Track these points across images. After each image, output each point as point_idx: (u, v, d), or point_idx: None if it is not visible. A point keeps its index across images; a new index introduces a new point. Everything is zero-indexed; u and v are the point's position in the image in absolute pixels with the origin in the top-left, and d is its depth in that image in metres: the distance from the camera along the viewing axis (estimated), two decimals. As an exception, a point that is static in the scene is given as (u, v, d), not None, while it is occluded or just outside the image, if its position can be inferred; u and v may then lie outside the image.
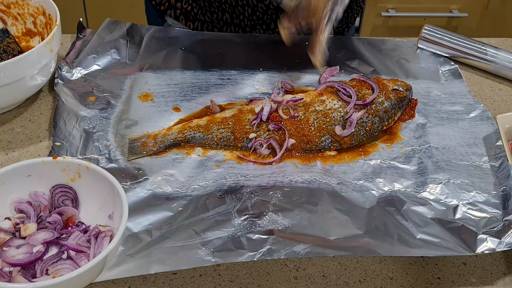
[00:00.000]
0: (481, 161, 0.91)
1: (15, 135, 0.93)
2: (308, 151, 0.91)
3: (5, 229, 0.74)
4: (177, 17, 1.21)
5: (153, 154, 0.89)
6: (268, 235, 0.77)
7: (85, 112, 0.94)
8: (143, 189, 0.83)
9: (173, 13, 1.21)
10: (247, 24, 1.17)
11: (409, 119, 0.98)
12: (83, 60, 1.03)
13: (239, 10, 1.15)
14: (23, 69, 0.90)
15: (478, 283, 0.77)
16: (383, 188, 0.86)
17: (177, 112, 0.97)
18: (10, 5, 1.03)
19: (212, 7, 1.16)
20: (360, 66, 1.09)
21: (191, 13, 1.18)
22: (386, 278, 0.77)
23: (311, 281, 0.76)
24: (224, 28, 1.19)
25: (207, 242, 0.76)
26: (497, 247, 0.76)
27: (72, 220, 0.77)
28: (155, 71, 1.04)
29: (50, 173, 0.78)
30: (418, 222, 0.80)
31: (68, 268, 0.70)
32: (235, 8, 1.15)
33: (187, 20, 1.20)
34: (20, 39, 1.04)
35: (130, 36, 1.10)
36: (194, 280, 0.75)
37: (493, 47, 1.12)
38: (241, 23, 1.17)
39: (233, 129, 0.92)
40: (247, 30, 1.18)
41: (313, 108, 0.93)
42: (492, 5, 2.26)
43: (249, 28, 1.17)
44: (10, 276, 0.69)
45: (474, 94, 1.07)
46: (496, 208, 0.83)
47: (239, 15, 1.16)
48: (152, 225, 0.78)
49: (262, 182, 0.85)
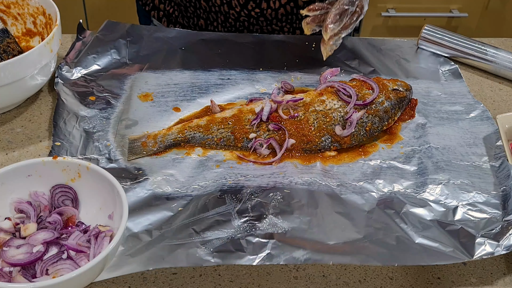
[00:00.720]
0: (481, 161, 0.91)
1: (15, 135, 0.93)
2: (308, 151, 0.91)
3: (5, 229, 0.74)
4: (160, 18, 1.22)
5: (153, 154, 0.89)
6: (268, 239, 0.77)
7: (85, 112, 0.94)
8: (143, 189, 0.83)
9: (156, 14, 1.22)
10: (221, 30, 1.18)
11: (409, 119, 0.98)
12: (83, 60, 1.04)
13: (213, 17, 1.16)
14: (23, 69, 0.90)
15: (478, 283, 0.77)
16: (382, 190, 0.86)
17: (177, 112, 0.97)
18: (10, 5, 1.03)
19: (188, 12, 1.17)
20: (360, 66, 1.09)
21: (173, 15, 1.20)
22: (386, 278, 0.77)
23: (311, 281, 0.76)
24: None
25: (206, 242, 0.76)
26: (495, 250, 0.76)
27: (72, 220, 0.77)
28: (155, 71, 1.04)
29: (50, 173, 0.78)
30: (417, 225, 0.80)
31: (68, 268, 0.70)
32: (209, 14, 1.16)
33: (169, 23, 1.21)
34: (20, 39, 1.04)
35: (130, 36, 1.10)
36: (194, 280, 0.75)
37: (493, 47, 1.12)
38: (215, 30, 1.19)
39: (233, 129, 0.92)
40: None
41: (313, 108, 0.93)
42: (492, 5, 2.25)
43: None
44: (10, 276, 0.69)
45: (474, 94, 1.07)
46: (496, 208, 0.83)
47: (213, 21, 1.17)
48: (152, 225, 0.78)
49: (262, 183, 0.85)
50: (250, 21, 1.15)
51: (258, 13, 1.13)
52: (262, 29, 1.17)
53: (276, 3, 1.12)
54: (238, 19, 1.15)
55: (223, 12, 1.14)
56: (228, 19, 1.15)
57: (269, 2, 1.11)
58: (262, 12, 1.13)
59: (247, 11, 1.12)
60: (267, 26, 1.16)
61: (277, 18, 1.14)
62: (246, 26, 1.16)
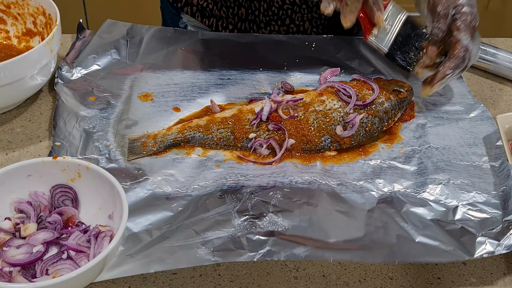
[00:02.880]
0: (481, 161, 0.91)
1: (15, 135, 0.93)
2: (307, 151, 0.91)
3: (5, 229, 0.74)
4: (193, 14, 1.21)
5: (153, 154, 0.89)
6: (268, 236, 0.77)
7: (85, 112, 0.94)
8: (143, 189, 0.83)
9: (189, 10, 1.21)
10: (262, 20, 1.17)
11: (410, 120, 0.98)
12: (83, 60, 1.03)
13: (255, 5, 1.14)
14: (23, 69, 0.90)
15: (478, 283, 0.77)
16: (382, 189, 0.86)
17: (177, 112, 0.97)
18: (10, 5, 1.03)
19: (228, 1, 1.16)
20: (360, 66, 1.09)
21: (207, 9, 1.18)
22: (386, 278, 0.77)
23: (311, 281, 0.76)
24: (239, 24, 1.18)
25: (207, 242, 0.76)
26: (496, 249, 0.76)
27: (72, 220, 0.77)
28: (155, 71, 1.04)
29: (50, 173, 0.78)
30: (418, 224, 0.80)
31: (68, 268, 0.70)
32: (252, 2, 1.14)
33: (203, 17, 1.20)
34: (20, 39, 1.05)
35: (130, 36, 1.10)
36: (194, 280, 0.75)
37: (493, 47, 1.12)
38: (256, 19, 1.17)
39: (233, 129, 0.92)
40: (262, 26, 1.17)
41: (313, 108, 0.93)
42: (492, 5, 2.26)
43: (263, 24, 1.17)
44: (10, 276, 0.69)
45: (474, 94, 1.07)
46: (496, 208, 0.83)
47: (255, 10, 1.15)
48: (152, 225, 0.78)
49: (262, 182, 0.85)
50: (294, 9, 1.14)
51: (302, 0, 1.12)
52: (303, 18, 1.16)
53: None
54: (282, 7, 1.13)
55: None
56: (271, 7, 1.14)
57: None
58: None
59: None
60: (308, 14, 1.15)
61: (317, 6, 1.13)
62: (289, 15, 1.15)
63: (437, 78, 0.95)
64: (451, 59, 0.94)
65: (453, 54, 0.94)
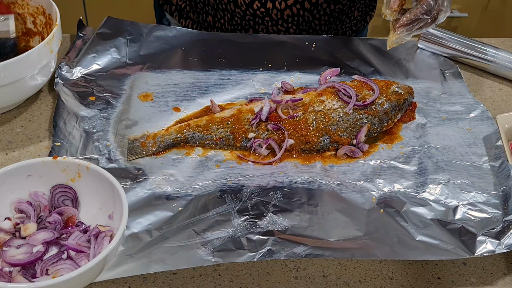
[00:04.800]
0: (481, 161, 0.91)
1: (15, 135, 0.93)
2: (307, 151, 0.91)
3: (5, 229, 0.74)
4: (172, 13, 1.23)
5: (153, 154, 0.89)
6: (268, 236, 0.77)
7: (85, 112, 0.94)
8: (143, 189, 0.83)
9: (168, 8, 1.23)
10: (227, 28, 1.19)
11: (410, 121, 0.98)
12: (83, 60, 1.03)
13: (220, 14, 1.16)
14: (23, 69, 0.89)
15: (478, 283, 0.77)
16: (382, 189, 0.86)
17: (177, 112, 0.97)
18: (10, 5, 1.03)
19: (198, 7, 1.17)
20: (360, 66, 1.09)
21: (184, 10, 1.20)
22: (386, 278, 0.77)
23: (311, 281, 0.76)
24: (208, 30, 1.21)
25: (207, 242, 0.76)
26: (496, 248, 0.76)
27: (72, 220, 0.77)
28: (155, 71, 1.04)
29: (50, 173, 0.78)
30: (418, 223, 0.80)
31: (68, 268, 0.70)
32: (217, 11, 1.16)
33: (180, 17, 1.22)
34: (20, 39, 1.04)
35: (130, 35, 1.10)
36: (194, 280, 0.75)
37: (493, 47, 1.12)
38: (222, 27, 1.19)
39: (232, 128, 0.92)
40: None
41: (312, 108, 0.93)
42: (492, 5, 2.26)
43: (229, 32, 1.19)
44: (10, 276, 0.69)
45: (474, 94, 1.07)
46: (496, 208, 0.83)
47: (220, 18, 1.17)
48: (152, 225, 0.78)
49: (262, 182, 0.85)
50: (256, 21, 1.15)
51: (264, 13, 1.13)
52: (267, 29, 1.17)
53: (282, 4, 1.12)
54: (244, 17, 1.15)
55: (229, 10, 1.14)
56: (234, 17, 1.15)
57: (275, 3, 1.11)
58: (267, 12, 1.13)
59: (252, 10, 1.13)
60: (273, 26, 1.16)
61: (282, 19, 1.14)
62: (251, 25, 1.17)
63: (401, 22, 0.91)
64: (418, 6, 0.90)
65: (422, 1, 0.90)
